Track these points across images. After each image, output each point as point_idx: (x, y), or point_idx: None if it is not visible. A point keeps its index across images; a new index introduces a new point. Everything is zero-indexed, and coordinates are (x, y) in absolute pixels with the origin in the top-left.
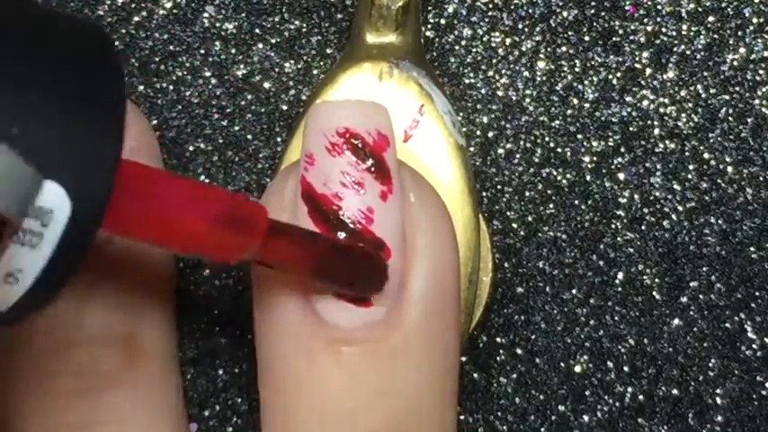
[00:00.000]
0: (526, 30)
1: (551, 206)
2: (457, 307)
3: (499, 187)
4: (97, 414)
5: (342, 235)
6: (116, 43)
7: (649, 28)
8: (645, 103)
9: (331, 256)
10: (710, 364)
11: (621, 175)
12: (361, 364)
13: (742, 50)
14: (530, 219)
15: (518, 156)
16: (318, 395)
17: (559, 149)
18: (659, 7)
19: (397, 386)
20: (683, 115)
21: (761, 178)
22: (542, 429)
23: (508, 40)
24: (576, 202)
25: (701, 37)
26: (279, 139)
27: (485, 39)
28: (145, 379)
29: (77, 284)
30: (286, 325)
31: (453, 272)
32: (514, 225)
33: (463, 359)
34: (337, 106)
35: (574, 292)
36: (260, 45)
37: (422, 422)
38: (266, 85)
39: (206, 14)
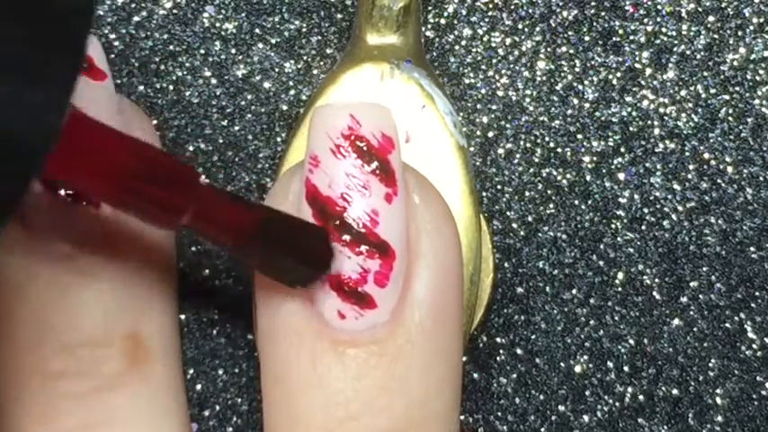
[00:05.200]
0: (526, 30)
1: (551, 206)
2: (460, 308)
3: (499, 187)
4: (101, 415)
5: (347, 237)
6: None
7: (649, 28)
8: (645, 103)
9: (269, 225)
10: (710, 364)
11: (621, 175)
12: (365, 365)
13: (742, 50)
14: (530, 219)
15: (518, 156)
16: (323, 396)
17: (559, 149)
18: (659, 7)
19: (401, 387)
20: (683, 115)
21: (761, 178)
22: (542, 429)
23: (508, 40)
24: (576, 202)
25: (701, 37)
26: (279, 139)
27: (485, 39)
28: (149, 379)
29: (79, 285)
30: (289, 325)
31: (457, 273)
32: (514, 225)
33: (463, 359)
34: (342, 108)
35: (574, 292)
36: (260, 45)
37: (426, 423)
38: (266, 85)
39: (206, 14)
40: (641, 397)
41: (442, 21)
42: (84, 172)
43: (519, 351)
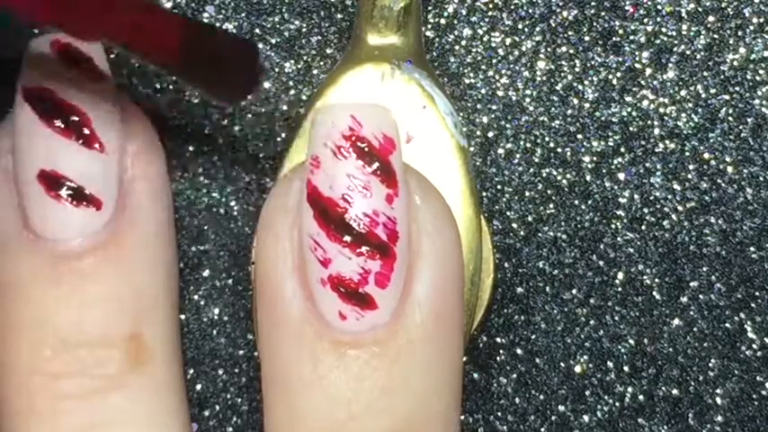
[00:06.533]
0: (526, 30)
1: (551, 206)
2: (461, 309)
3: (499, 187)
4: (102, 415)
5: (348, 238)
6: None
7: (649, 28)
8: (645, 103)
9: (197, 35)
10: (710, 364)
11: (621, 175)
12: (366, 366)
13: (742, 50)
14: (530, 219)
15: (518, 156)
16: (323, 397)
17: (559, 149)
18: (659, 7)
19: (403, 388)
20: (683, 115)
21: (761, 178)
22: (542, 429)
23: (508, 40)
24: (576, 202)
25: (701, 37)
26: (279, 139)
27: (485, 39)
28: (149, 380)
29: (81, 285)
30: (289, 326)
31: (458, 274)
32: (514, 225)
33: (463, 359)
34: (343, 109)
35: (574, 292)
36: (260, 45)
37: (427, 423)
38: (266, 85)
39: (206, 14)
40: (641, 397)
41: (442, 21)
42: None
43: (519, 351)
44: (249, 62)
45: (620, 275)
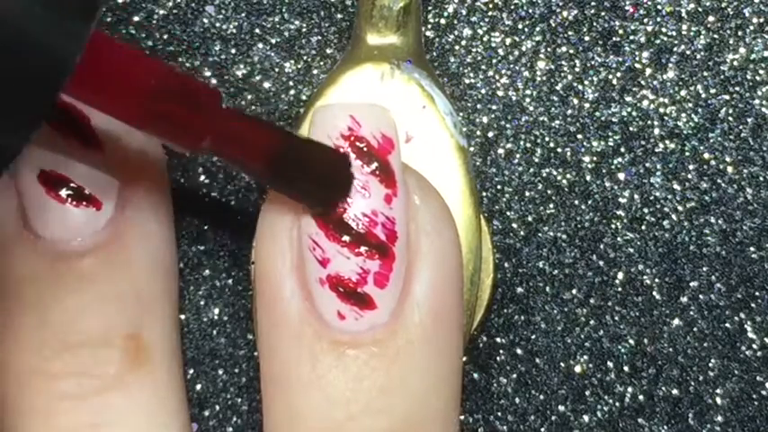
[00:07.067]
0: (526, 30)
1: (551, 206)
2: (460, 309)
3: (499, 187)
4: (102, 415)
5: (346, 238)
6: None
7: (649, 28)
8: (645, 103)
9: (291, 147)
10: (710, 364)
11: (621, 175)
12: (365, 366)
13: (742, 50)
14: (530, 219)
15: (518, 156)
16: (322, 397)
17: (559, 149)
18: (659, 7)
19: (401, 388)
20: (683, 115)
21: (761, 178)
22: (542, 429)
23: (508, 40)
24: (576, 202)
25: (701, 37)
26: None
27: (485, 39)
28: (149, 380)
29: (80, 285)
30: (288, 326)
31: (457, 274)
32: (514, 225)
33: (463, 359)
34: (342, 109)
35: (574, 292)
36: (260, 45)
37: (425, 424)
38: (266, 85)
39: (206, 14)
40: (641, 397)
41: (442, 21)
42: (106, 91)
43: (519, 351)
44: (341, 173)
45: (620, 275)
